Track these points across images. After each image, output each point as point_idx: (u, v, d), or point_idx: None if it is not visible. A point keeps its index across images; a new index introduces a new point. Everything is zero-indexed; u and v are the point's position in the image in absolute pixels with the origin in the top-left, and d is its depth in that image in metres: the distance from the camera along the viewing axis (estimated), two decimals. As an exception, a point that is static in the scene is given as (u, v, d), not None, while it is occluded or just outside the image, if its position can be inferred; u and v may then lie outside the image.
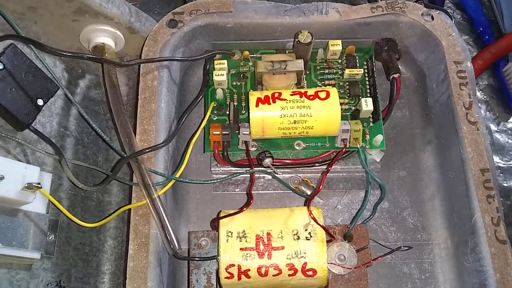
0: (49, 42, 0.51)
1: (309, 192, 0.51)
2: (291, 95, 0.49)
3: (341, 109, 0.50)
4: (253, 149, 0.52)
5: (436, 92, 0.55)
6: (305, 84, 0.55)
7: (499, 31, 0.78)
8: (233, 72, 0.55)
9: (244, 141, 0.51)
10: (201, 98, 0.53)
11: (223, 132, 0.50)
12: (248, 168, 0.51)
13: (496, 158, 0.73)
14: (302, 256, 0.44)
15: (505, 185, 0.71)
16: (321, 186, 0.48)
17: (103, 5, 0.50)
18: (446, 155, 0.53)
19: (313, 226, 0.46)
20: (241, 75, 0.55)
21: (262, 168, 0.51)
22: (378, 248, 0.49)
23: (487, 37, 0.78)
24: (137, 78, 0.52)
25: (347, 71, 0.54)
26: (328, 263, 0.45)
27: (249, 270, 0.44)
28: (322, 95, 0.49)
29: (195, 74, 0.58)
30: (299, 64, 0.52)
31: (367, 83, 0.55)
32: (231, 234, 0.45)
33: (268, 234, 0.45)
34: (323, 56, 0.56)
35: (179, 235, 0.48)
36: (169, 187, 0.47)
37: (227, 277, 0.44)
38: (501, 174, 0.72)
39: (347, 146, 0.51)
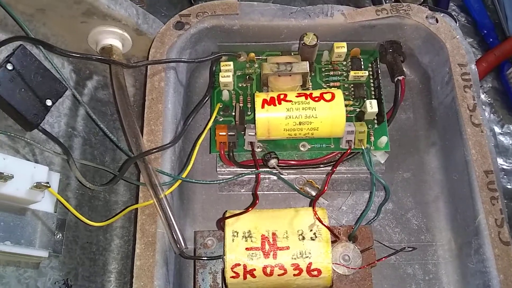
0: (58, 43, 0.52)
1: (314, 193, 0.52)
2: (297, 96, 0.50)
3: (346, 110, 0.50)
4: (259, 150, 0.52)
5: (441, 94, 0.55)
6: (311, 86, 0.55)
7: (503, 34, 0.78)
8: (239, 73, 0.55)
9: (250, 142, 0.51)
10: (207, 100, 0.54)
11: (229, 133, 0.50)
12: (254, 169, 0.51)
13: (500, 160, 0.73)
14: (307, 256, 0.45)
15: (509, 187, 0.71)
16: (326, 187, 0.48)
17: (111, 7, 0.50)
18: (450, 157, 0.53)
19: (318, 226, 0.46)
20: (247, 76, 0.55)
21: (268, 169, 0.51)
22: (383, 249, 0.49)
23: (491, 39, 0.78)
24: (144, 79, 0.52)
25: (352, 73, 0.55)
26: (333, 263, 0.45)
27: (254, 269, 0.45)
28: (327, 96, 0.50)
29: (202, 75, 0.58)
30: (305, 66, 0.52)
31: (372, 85, 0.55)
32: (237, 234, 0.46)
33: (274, 234, 0.45)
34: (328, 58, 0.56)
35: (185, 234, 0.48)
36: (175, 187, 0.48)
37: (232, 277, 0.45)
38: (505, 176, 0.72)
39: (352, 147, 0.51)
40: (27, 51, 0.45)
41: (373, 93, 0.55)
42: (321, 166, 0.53)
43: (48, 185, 0.42)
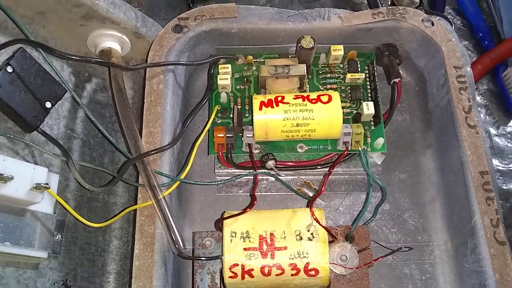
0: (57, 46, 0.52)
1: (311, 194, 0.52)
2: (294, 98, 0.50)
3: (343, 112, 0.51)
4: (257, 151, 0.52)
5: (436, 97, 0.55)
6: (308, 88, 0.55)
7: (499, 37, 0.79)
8: (237, 76, 0.56)
9: (248, 143, 0.51)
10: (205, 102, 0.54)
11: (227, 135, 0.50)
12: (252, 170, 0.51)
13: (495, 161, 0.73)
14: (305, 256, 0.45)
15: (504, 187, 0.72)
16: (323, 188, 0.49)
17: (110, 11, 0.50)
18: (446, 158, 0.53)
19: (315, 227, 0.46)
20: (245, 79, 0.55)
21: (265, 170, 0.51)
22: (379, 249, 0.50)
23: (486, 42, 0.79)
24: (143, 81, 0.52)
25: (348, 75, 0.55)
26: (330, 263, 0.45)
27: (252, 269, 0.45)
28: (324, 99, 0.50)
29: (200, 78, 0.58)
30: (302, 68, 0.52)
31: (369, 87, 0.55)
32: (235, 235, 0.46)
33: (271, 234, 0.46)
34: (325, 61, 0.56)
35: (184, 235, 0.49)
36: (174, 188, 0.48)
37: (231, 277, 0.45)
38: (501, 177, 0.72)
39: (349, 149, 0.51)
40: (27, 54, 0.45)
41: (369, 95, 0.55)
42: (318, 167, 0.53)
43: (48, 186, 0.42)
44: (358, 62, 0.57)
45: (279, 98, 0.50)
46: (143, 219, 0.46)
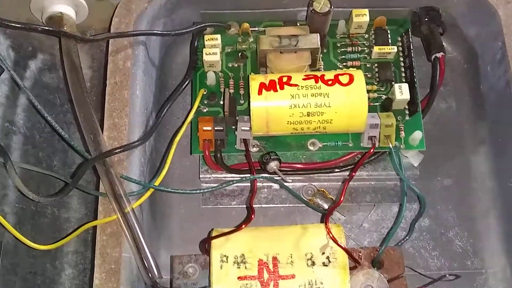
0: (-9, 11, 0.52)
1: (326, 206, 0.52)
2: (304, 79, 0.50)
3: (369, 98, 0.51)
4: (255, 149, 0.52)
5: (491, 77, 0.55)
6: (322, 66, 0.55)
7: None
8: (229, 50, 0.56)
9: (243, 139, 0.51)
10: (187, 84, 0.54)
11: (215, 128, 0.50)
12: (248, 175, 0.51)
13: None
14: (319, 287, 0.45)
15: None
16: (342, 198, 0.49)
17: (60, -36, 0.50)
18: (505, 159, 0.53)
19: (332, 248, 0.46)
20: (239, 54, 0.55)
21: (266, 175, 0.51)
22: (417, 278, 0.50)
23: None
24: (105, 58, 0.52)
25: (376, 49, 0.55)
26: (352, 297, 0.46)
27: (249, 305, 0.45)
28: (344, 79, 0.50)
29: (180, 53, 0.59)
30: (314, 39, 0.52)
31: (402, 64, 0.56)
32: (226, 259, 0.46)
33: (274, 258, 0.46)
34: (345, 30, 0.57)
35: (159, 260, 0.49)
36: (146, 198, 0.48)
37: (221, 315, 0.45)
38: None
39: (376, 146, 0.51)
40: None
41: (403, 75, 0.55)
42: (336, 170, 0.53)
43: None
44: (389, 31, 0.57)
45: (285, 79, 0.50)
46: (106, 239, 0.46)
